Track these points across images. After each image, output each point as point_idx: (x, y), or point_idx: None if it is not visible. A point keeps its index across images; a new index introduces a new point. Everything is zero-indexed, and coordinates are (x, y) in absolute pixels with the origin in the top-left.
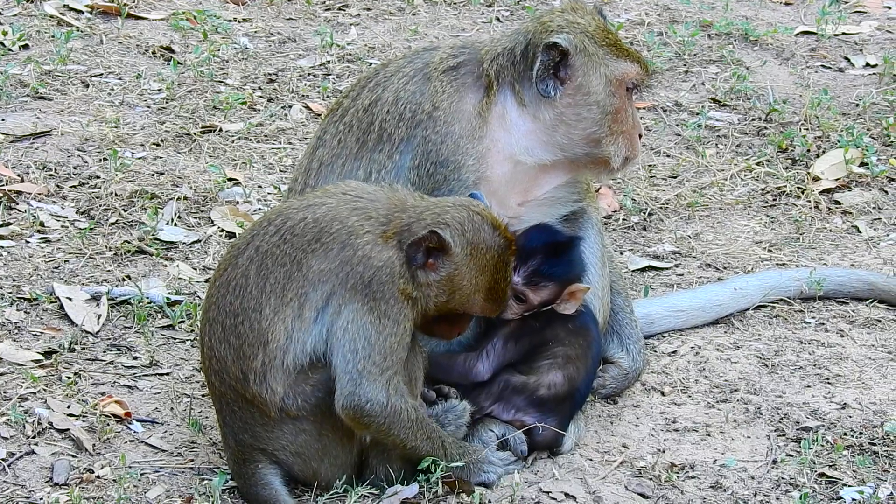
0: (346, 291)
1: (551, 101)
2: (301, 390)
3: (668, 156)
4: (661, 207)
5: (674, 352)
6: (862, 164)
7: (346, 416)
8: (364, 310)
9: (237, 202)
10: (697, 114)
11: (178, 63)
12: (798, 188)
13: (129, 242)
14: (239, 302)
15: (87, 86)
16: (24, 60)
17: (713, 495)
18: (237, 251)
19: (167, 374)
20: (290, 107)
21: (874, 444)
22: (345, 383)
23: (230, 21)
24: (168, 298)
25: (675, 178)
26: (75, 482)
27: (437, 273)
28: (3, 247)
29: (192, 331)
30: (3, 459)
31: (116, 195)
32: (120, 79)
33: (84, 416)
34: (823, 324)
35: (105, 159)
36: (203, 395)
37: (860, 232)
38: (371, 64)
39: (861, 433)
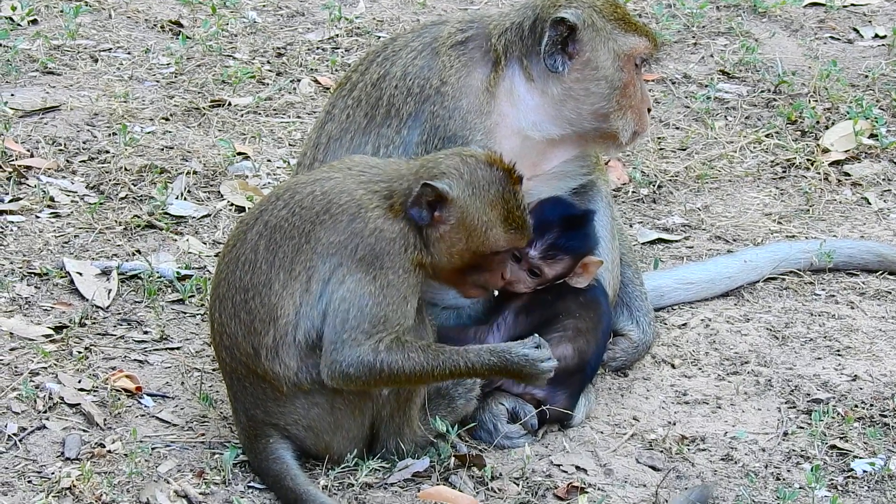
0: (353, 263)
1: (559, 76)
2: (314, 364)
3: (677, 128)
4: (670, 180)
5: (684, 324)
6: (871, 136)
7: (335, 384)
8: (367, 279)
9: (246, 176)
10: (706, 86)
11: (187, 37)
12: (807, 160)
13: (138, 217)
14: (249, 277)
15: (96, 60)
16: (33, 35)
17: (724, 467)
18: (246, 226)
19: (178, 348)
20: (299, 81)
21: (885, 416)
22: (328, 353)
23: None
24: (178, 273)
25: (684, 150)
26: (86, 456)
27: (446, 223)
28: (13, 222)
29: (203, 305)
30: (14, 434)
31: (126, 170)
32: (129, 53)
33: (95, 391)
34: (833, 296)
35: (114, 134)
36: (214, 370)
37: (870, 203)
38: (379, 38)
39: (872, 405)
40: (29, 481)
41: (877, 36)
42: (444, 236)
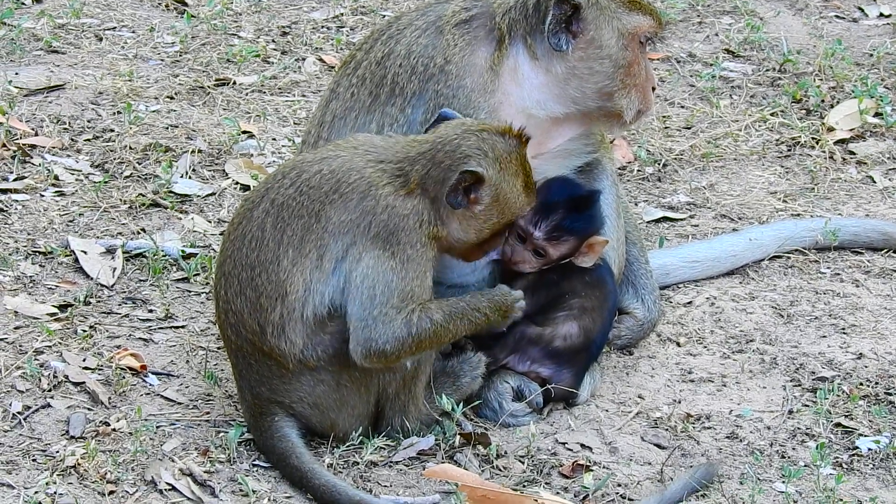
0: (367, 240)
1: (563, 54)
2: (320, 340)
3: (682, 107)
4: (675, 158)
5: (689, 302)
6: (876, 115)
7: (370, 364)
8: (386, 255)
9: (251, 155)
10: (711, 65)
11: (192, 16)
12: (812, 139)
13: (143, 195)
14: (255, 255)
15: (101, 39)
16: (38, 14)
17: (729, 446)
18: (251, 204)
19: (182, 326)
20: (304, 59)
21: (890, 394)
22: (359, 332)
23: None
24: (183, 251)
25: (689, 128)
26: (91, 435)
27: (481, 203)
28: (17, 200)
29: (208, 283)
30: (19, 413)
31: (131, 148)
32: (133, 32)
33: (100, 370)
34: (839, 274)
35: (119, 113)
36: (219, 348)
37: (875, 182)
38: (384, 16)
39: (877, 383)
40: (34, 460)
41: (882, 15)
42: (477, 215)
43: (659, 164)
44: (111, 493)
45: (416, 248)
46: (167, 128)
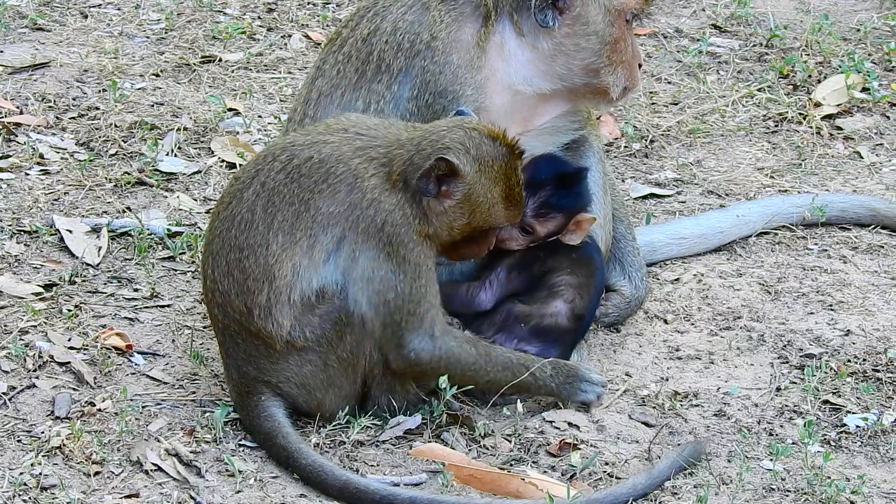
0: (357, 235)
1: (550, 30)
2: (308, 321)
3: (669, 82)
4: (662, 134)
5: (676, 279)
6: (863, 90)
7: (405, 374)
8: (381, 257)
9: (237, 132)
10: (698, 40)
11: None
12: (800, 114)
13: (128, 174)
14: (245, 237)
15: (86, 17)
16: None
17: (717, 423)
18: (242, 185)
19: (168, 305)
20: (290, 36)
21: (878, 371)
22: (389, 340)
23: None
24: (168, 230)
25: (676, 104)
26: (77, 415)
27: (451, 199)
28: (2, 179)
29: (193, 262)
30: (3, 393)
31: (116, 126)
32: (118, 9)
33: (85, 349)
34: (826, 250)
35: (104, 90)
36: (205, 328)
37: (862, 158)
38: None
39: (865, 360)
40: (19, 440)
41: None
42: (447, 210)
43: (646, 140)
44: (97, 473)
45: (408, 247)
46: (152, 105)
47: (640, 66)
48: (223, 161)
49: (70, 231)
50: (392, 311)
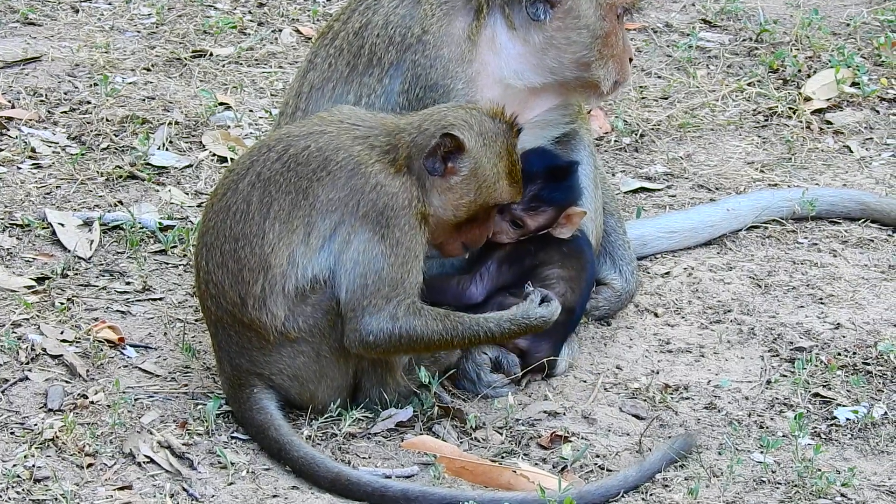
0: (356, 220)
1: (541, 24)
2: (301, 311)
3: (659, 77)
4: (652, 129)
5: (667, 273)
6: (853, 84)
7: (356, 352)
8: (375, 239)
9: (228, 126)
10: (688, 35)
11: None
12: (789, 108)
13: (120, 168)
14: (240, 227)
15: (77, 11)
16: None
17: (707, 416)
18: (236, 176)
19: (160, 299)
20: (281, 31)
21: (868, 364)
22: (349, 320)
23: None
24: (160, 223)
25: (666, 99)
26: (69, 408)
27: (458, 175)
28: None
29: (185, 255)
30: None
31: (107, 120)
32: (109, 4)
33: (77, 342)
34: (816, 244)
35: (96, 85)
36: (197, 320)
37: (852, 152)
38: None
39: (855, 353)
40: (12, 433)
41: None
42: (454, 187)
43: (636, 134)
44: (89, 465)
45: (404, 230)
46: (144, 100)
47: (630, 60)
48: (214, 155)
49: (62, 224)
50: (367, 293)
